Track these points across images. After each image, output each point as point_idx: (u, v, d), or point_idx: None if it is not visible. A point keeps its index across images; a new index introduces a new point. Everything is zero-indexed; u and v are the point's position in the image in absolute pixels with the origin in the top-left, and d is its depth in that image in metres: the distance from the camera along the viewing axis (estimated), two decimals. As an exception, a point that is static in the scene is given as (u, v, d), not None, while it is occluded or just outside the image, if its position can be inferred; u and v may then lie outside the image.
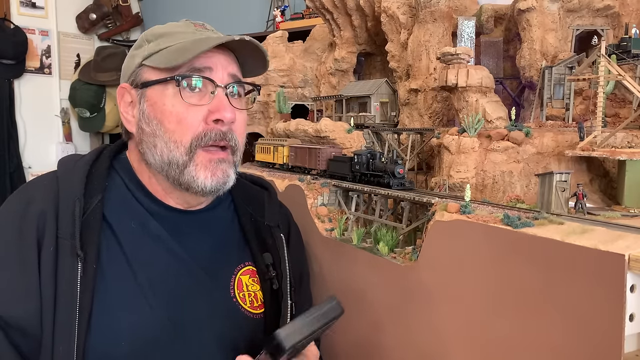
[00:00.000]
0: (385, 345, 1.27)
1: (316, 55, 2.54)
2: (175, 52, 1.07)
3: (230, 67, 1.12)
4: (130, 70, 1.14)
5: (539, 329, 0.88)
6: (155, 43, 1.11)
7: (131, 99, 1.13)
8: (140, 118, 1.11)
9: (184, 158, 1.07)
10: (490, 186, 1.35)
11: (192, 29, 1.13)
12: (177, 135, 1.07)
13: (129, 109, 1.14)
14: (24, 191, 1.11)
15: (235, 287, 1.18)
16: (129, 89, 1.13)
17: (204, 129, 1.07)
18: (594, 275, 0.79)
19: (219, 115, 1.07)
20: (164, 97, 1.08)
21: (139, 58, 1.12)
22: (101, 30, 5.20)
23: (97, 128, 4.70)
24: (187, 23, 1.16)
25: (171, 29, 1.13)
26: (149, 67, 1.10)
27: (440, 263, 1.10)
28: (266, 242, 1.24)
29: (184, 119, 1.06)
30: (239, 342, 1.15)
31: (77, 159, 1.15)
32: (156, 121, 1.08)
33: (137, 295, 1.06)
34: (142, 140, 1.12)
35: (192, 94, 1.07)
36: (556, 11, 1.61)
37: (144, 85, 1.10)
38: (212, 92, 1.08)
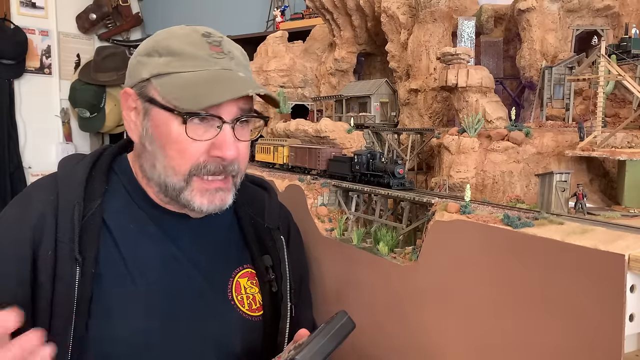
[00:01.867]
0: (385, 345, 1.27)
1: (316, 55, 2.54)
2: (184, 88, 1.02)
3: (241, 100, 1.06)
4: (136, 78, 1.08)
5: (539, 328, 0.88)
6: (165, 61, 1.05)
7: (135, 105, 1.10)
8: (144, 135, 1.08)
9: (180, 184, 1.06)
10: (490, 186, 1.35)
11: (207, 53, 1.05)
12: (175, 162, 1.05)
13: (132, 114, 1.11)
14: (24, 196, 1.11)
15: (234, 290, 1.18)
16: (134, 97, 1.09)
17: (205, 160, 1.05)
18: (594, 275, 0.79)
19: (221, 153, 1.04)
20: (170, 124, 1.04)
21: (146, 72, 1.06)
22: (101, 30, 5.21)
23: (97, 128, 4.70)
24: (203, 42, 1.06)
25: (184, 49, 1.05)
26: (156, 87, 1.05)
27: (440, 263, 1.10)
28: (266, 244, 1.24)
29: (186, 149, 1.04)
30: (237, 345, 1.15)
31: (77, 161, 1.14)
32: (158, 144, 1.06)
33: (135, 299, 1.06)
34: (142, 154, 1.11)
35: (199, 125, 1.03)
36: (556, 11, 1.61)
37: (150, 101, 1.06)
38: (219, 127, 1.04)
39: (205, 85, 1.02)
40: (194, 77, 1.03)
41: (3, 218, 1.08)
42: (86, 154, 1.20)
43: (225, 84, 1.03)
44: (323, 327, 0.90)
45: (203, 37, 1.07)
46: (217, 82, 1.03)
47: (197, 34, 1.08)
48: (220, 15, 4.54)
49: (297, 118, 2.14)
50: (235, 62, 1.08)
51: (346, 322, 0.90)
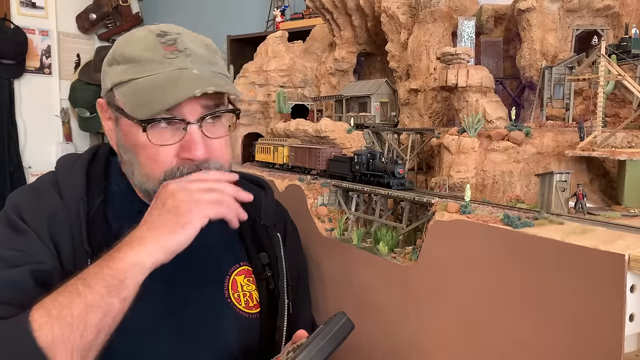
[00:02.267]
0: (385, 345, 1.27)
1: (316, 55, 2.54)
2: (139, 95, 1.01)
3: (203, 98, 1.02)
4: (104, 87, 1.09)
5: (539, 328, 0.88)
6: (122, 69, 1.04)
7: (109, 115, 1.11)
8: (119, 143, 1.10)
9: (157, 189, 1.04)
10: (490, 186, 1.35)
11: (161, 55, 1.02)
12: (148, 169, 1.05)
13: (109, 123, 1.13)
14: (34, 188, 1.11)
15: (230, 288, 1.18)
16: (106, 107, 1.11)
17: (177, 163, 1.04)
18: (594, 275, 0.79)
19: (189, 155, 1.03)
20: (135, 132, 1.03)
21: (109, 82, 1.06)
22: (101, 30, 5.21)
23: (97, 128, 4.70)
24: (157, 43, 1.04)
25: (139, 54, 1.03)
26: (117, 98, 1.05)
27: (440, 263, 1.10)
28: (262, 241, 1.25)
29: (156, 155, 1.03)
30: (234, 342, 1.15)
31: (74, 160, 1.16)
32: (131, 152, 1.07)
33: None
34: (122, 161, 1.13)
35: (164, 130, 1.03)
36: (556, 11, 1.61)
37: (118, 110, 1.06)
38: (184, 128, 1.03)
39: (157, 90, 1.00)
40: (148, 82, 1.01)
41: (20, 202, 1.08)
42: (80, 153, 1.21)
43: (177, 85, 1.00)
44: (322, 329, 0.90)
45: (157, 38, 1.05)
46: (170, 83, 1.00)
47: (152, 36, 1.05)
48: (220, 15, 4.54)
49: (297, 118, 2.14)
50: (192, 59, 1.04)
51: (345, 323, 0.90)
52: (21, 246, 1.00)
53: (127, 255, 0.92)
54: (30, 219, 1.03)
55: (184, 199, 0.96)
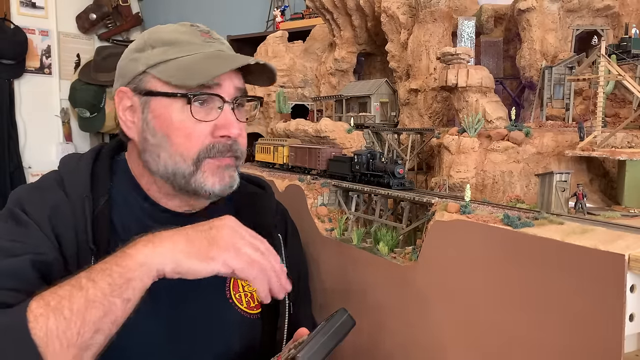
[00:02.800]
0: (385, 345, 1.27)
1: (316, 55, 2.54)
2: (187, 69, 1.05)
3: (236, 79, 1.10)
4: (130, 74, 1.10)
5: (539, 328, 0.88)
6: (160, 51, 1.07)
7: (131, 103, 1.10)
8: (145, 128, 1.09)
9: (190, 169, 1.06)
10: (490, 186, 1.35)
11: (200, 39, 1.10)
12: (183, 148, 1.06)
13: (127, 113, 1.11)
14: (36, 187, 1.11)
15: (231, 288, 1.18)
16: (130, 94, 1.10)
17: (211, 141, 1.07)
18: (594, 275, 0.79)
19: (226, 132, 1.07)
20: (171, 110, 1.05)
21: (142, 65, 1.08)
22: (101, 30, 5.20)
23: (97, 128, 4.70)
24: (193, 30, 1.12)
25: (178, 37, 1.09)
26: (154, 76, 1.07)
27: (440, 263, 1.10)
28: None
29: (192, 133, 1.05)
30: (236, 342, 1.15)
31: (78, 159, 1.15)
32: (162, 133, 1.06)
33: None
34: (145, 149, 1.10)
35: (200, 109, 1.06)
36: (556, 11, 1.61)
37: (148, 94, 1.07)
38: (220, 107, 1.07)
39: (206, 61, 1.06)
40: (193, 58, 1.07)
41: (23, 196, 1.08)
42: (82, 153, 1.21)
43: (225, 59, 1.07)
44: (323, 325, 0.90)
45: (192, 27, 1.13)
46: (217, 58, 1.08)
47: (185, 26, 1.13)
48: (220, 15, 4.54)
49: (297, 118, 2.14)
50: (227, 47, 1.14)
51: (346, 319, 0.91)
52: (22, 237, 0.99)
53: (139, 253, 0.89)
54: (32, 211, 1.03)
55: (227, 238, 0.93)
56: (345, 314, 0.91)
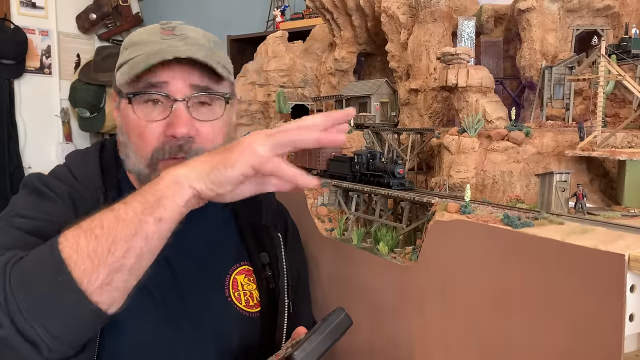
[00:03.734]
0: (384, 345, 1.27)
1: (316, 55, 2.54)
2: (129, 67, 1.06)
3: (191, 77, 1.06)
4: (114, 76, 1.14)
5: (539, 328, 0.88)
6: (127, 52, 1.10)
7: (116, 103, 1.15)
8: (118, 127, 1.13)
9: (146, 170, 1.07)
10: (490, 186, 1.35)
11: (158, 37, 1.08)
12: (138, 148, 1.07)
13: (117, 112, 1.16)
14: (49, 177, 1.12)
15: (230, 287, 1.18)
16: (115, 94, 1.14)
17: (163, 142, 1.06)
18: (594, 275, 0.79)
19: (172, 131, 1.04)
20: (128, 110, 1.08)
21: (116, 67, 1.12)
22: (101, 30, 5.20)
23: (97, 128, 4.69)
24: (157, 29, 1.11)
25: (141, 37, 1.11)
26: (117, 78, 1.10)
27: (440, 263, 1.10)
28: (263, 241, 1.25)
29: (143, 133, 1.06)
30: (235, 341, 1.15)
31: (84, 153, 1.18)
32: (125, 133, 1.10)
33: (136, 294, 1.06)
34: (119, 148, 1.14)
35: (152, 109, 1.06)
36: (556, 11, 1.61)
37: (118, 94, 1.11)
38: (172, 107, 1.05)
39: (145, 58, 1.04)
40: (139, 57, 1.06)
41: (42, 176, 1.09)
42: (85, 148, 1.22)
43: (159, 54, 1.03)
44: (320, 324, 0.91)
45: (160, 26, 1.12)
46: (154, 53, 1.04)
47: (156, 25, 1.12)
48: (220, 15, 4.53)
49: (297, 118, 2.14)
50: (185, 42, 1.08)
51: (343, 318, 0.91)
52: (48, 209, 1.01)
53: (169, 174, 0.86)
54: (56, 189, 1.05)
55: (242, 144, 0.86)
56: (342, 313, 0.91)
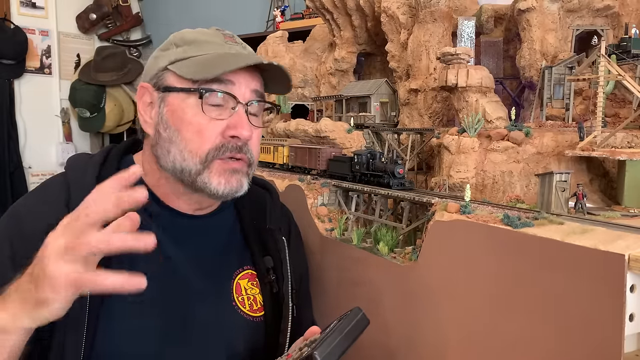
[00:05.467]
0: (385, 345, 1.27)
1: (316, 55, 2.54)
2: (202, 64, 1.07)
3: (253, 83, 1.11)
4: (153, 71, 1.12)
5: (539, 328, 0.88)
6: (183, 49, 1.10)
7: (151, 99, 1.12)
8: (159, 122, 1.10)
9: (197, 167, 1.07)
10: (490, 186, 1.35)
11: (222, 40, 1.12)
12: (193, 144, 1.07)
13: (147, 109, 1.13)
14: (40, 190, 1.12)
15: (234, 291, 1.18)
16: (151, 90, 1.12)
17: (221, 141, 1.07)
18: (594, 275, 0.79)
19: (236, 132, 1.07)
20: (186, 105, 1.07)
21: (164, 61, 1.10)
22: (101, 30, 5.20)
23: (97, 128, 4.70)
24: (217, 33, 1.14)
25: (200, 37, 1.12)
26: (173, 72, 1.09)
27: (440, 263, 1.10)
28: (267, 245, 1.24)
29: (203, 130, 1.06)
30: (239, 345, 1.15)
31: (86, 162, 1.15)
32: (174, 128, 1.08)
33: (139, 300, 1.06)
34: (157, 143, 1.11)
35: (214, 107, 1.07)
36: (556, 11, 1.61)
37: (166, 89, 1.09)
38: (233, 108, 1.08)
39: (221, 58, 1.08)
40: (211, 55, 1.09)
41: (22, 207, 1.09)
42: (92, 153, 1.20)
43: (239, 58, 1.09)
44: (337, 324, 0.90)
45: (217, 30, 1.15)
46: (233, 56, 1.09)
47: (211, 29, 1.16)
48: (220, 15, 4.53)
49: (297, 118, 2.14)
50: (249, 51, 1.16)
51: (361, 318, 0.90)
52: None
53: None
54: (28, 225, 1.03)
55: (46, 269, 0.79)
56: (360, 312, 0.91)
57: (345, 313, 0.91)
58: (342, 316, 0.91)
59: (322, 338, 0.88)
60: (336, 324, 0.90)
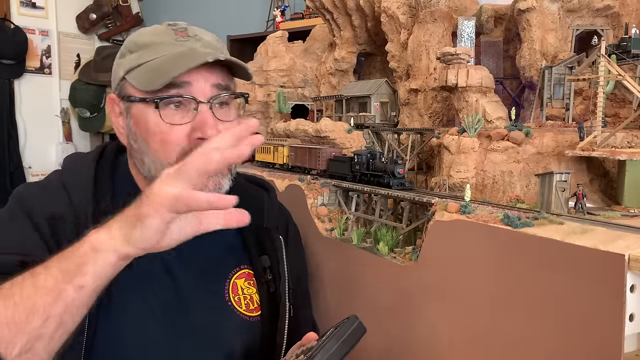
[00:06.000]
0: (385, 345, 1.27)
1: (316, 55, 2.54)
2: (153, 71, 1.03)
3: (212, 77, 1.06)
4: (115, 81, 1.11)
5: (539, 328, 0.88)
6: (136, 55, 1.07)
7: (119, 110, 1.11)
8: (129, 134, 1.09)
9: None
10: (490, 186, 1.35)
11: (172, 39, 1.07)
12: (160, 154, 1.04)
13: (119, 120, 1.12)
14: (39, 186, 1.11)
15: (230, 291, 1.17)
16: (117, 100, 1.11)
17: (189, 145, 1.03)
18: (594, 275, 0.79)
19: (201, 133, 1.02)
20: (147, 115, 1.04)
21: (122, 71, 1.08)
22: (101, 30, 5.21)
23: (97, 128, 4.70)
24: (168, 30, 1.09)
25: (151, 39, 1.08)
26: (129, 82, 1.06)
27: (440, 263, 1.10)
28: (264, 244, 1.24)
29: (166, 139, 1.03)
30: (235, 344, 1.15)
31: (82, 160, 1.15)
32: (142, 139, 1.06)
33: (137, 300, 1.07)
34: (131, 154, 1.11)
35: (175, 111, 1.03)
36: (556, 11, 1.61)
37: (128, 99, 1.07)
38: (195, 109, 1.03)
39: (169, 62, 1.02)
40: (160, 60, 1.04)
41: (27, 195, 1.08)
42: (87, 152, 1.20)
43: (189, 57, 1.03)
44: (334, 332, 0.89)
45: (168, 27, 1.10)
46: (182, 56, 1.03)
47: (163, 26, 1.11)
48: (220, 15, 4.54)
49: (297, 118, 2.14)
50: (202, 44, 1.08)
51: (358, 326, 0.90)
52: (10, 234, 0.99)
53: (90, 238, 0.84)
54: (33, 211, 1.03)
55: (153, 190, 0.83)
56: (357, 320, 0.90)
57: (342, 320, 0.91)
58: (338, 324, 0.91)
59: (319, 346, 0.88)
60: (333, 332, 0.90)
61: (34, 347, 0.81)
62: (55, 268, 0.83)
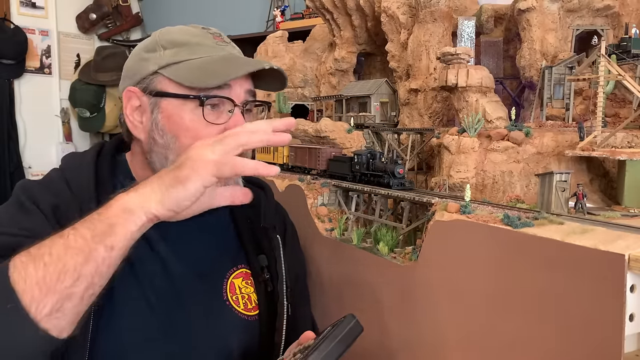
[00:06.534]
0: (385, 345, 1.27)
1: (316, 55, 2.54)
2: (200, 69, 1.05)
3: (246, 84, 1.10)
4: (140, 74, 1.09)
5: (539, 328, 0.88)
6: (172, 52, 1.07)
7: (139, 103, 1.10)
8: (153, 128, 1.08)
9: None
10: (490, 186, 1.35)
11: (212, 42, 1.10)
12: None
13: (136, 113, 1.11)
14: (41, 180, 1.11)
15: (228, 290, 1.18)
16: (139, 94, 1.09)
17: None
18: (594, 275, 0.79)
19: None
20: (182, 111, 1.05)
21: (153, 65, 1.08)
22: (101, 30, 5.20)
23: (97, 128, 4.70)
24: (205, 33, 1.12)
25: (189, 39, 1.09)
26: (166, 77, 1.06)
27: (440, 263, 1.10)
28: (261, 243, 1.24)
29: (201, 136, 1.03)
30: (233, 344, 1.15)
31: (80, 158, 1.15)
32: (171, 134, 1.06)
33: (137, 297, 1.07)
34: (152, 150, 1.10)
35: (211, 112, 1.06)
36: (556, 11, 1.61)
37: (159, 94, 1.07)
38: (230, 111, 1.07)
39: (220, 64, 1.06)
40: (206, 60, 1.07)
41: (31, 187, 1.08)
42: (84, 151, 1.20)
43: (238, 63, 1.08)
44: (330, 331, 0.89)
45: (203, 29, 1.13)
46: (230, 60, 1.08)
47: (197, 28, 1.13)
48: (220, 15, 4.54)
49: (297, 118, 2.14)
50: (238, 51, 1.15)
51: (354, 325, 0.90)
52: (24, 224, 1.00)
53: (120, 200, 0.86)
54: (39, 201, 1.03)
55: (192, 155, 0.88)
56: (354, 319, 0.90)
57: (339, 319, 0.91)
58: (335, 323, 0.91)
59: (315, 345, 0.88)
60: (329, 331, 0.89)
61: (64, 306, 0.82)
62: (84, 229, 0.84)
